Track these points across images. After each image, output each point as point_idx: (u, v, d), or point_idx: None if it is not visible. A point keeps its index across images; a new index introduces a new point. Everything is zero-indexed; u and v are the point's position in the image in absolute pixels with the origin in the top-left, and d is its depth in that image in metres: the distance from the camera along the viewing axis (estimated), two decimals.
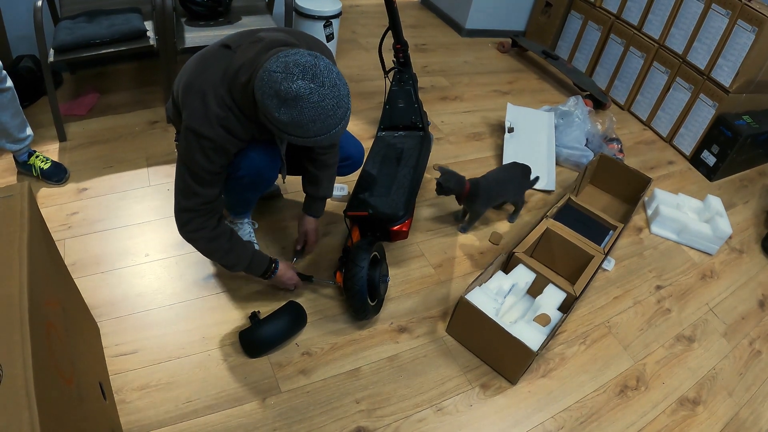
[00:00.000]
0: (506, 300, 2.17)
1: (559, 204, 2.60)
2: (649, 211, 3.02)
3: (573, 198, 2.66)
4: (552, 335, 2.01)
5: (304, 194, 2.13)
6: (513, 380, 2.00)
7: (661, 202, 2.95)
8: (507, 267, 2.31)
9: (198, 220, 1.74)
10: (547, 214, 2.50)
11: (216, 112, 1.57)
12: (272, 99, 1.40)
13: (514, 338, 1.86)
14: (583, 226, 2.51)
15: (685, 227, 2.85)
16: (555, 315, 2.10)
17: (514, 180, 2.63)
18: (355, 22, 4.44)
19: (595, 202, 2.98)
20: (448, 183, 2.39)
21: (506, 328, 1.88)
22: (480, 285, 2.12)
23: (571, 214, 2.58)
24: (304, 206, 2.14)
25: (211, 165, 1.64)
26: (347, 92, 1.48)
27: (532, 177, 2.72)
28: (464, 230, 2.61)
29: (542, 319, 2.05)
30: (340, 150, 2.11)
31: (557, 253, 2.41)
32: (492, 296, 2.08)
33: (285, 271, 2.01)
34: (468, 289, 2.04)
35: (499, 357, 1.99)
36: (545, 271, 2.26)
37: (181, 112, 1.70)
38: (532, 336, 1.94)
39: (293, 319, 1.97)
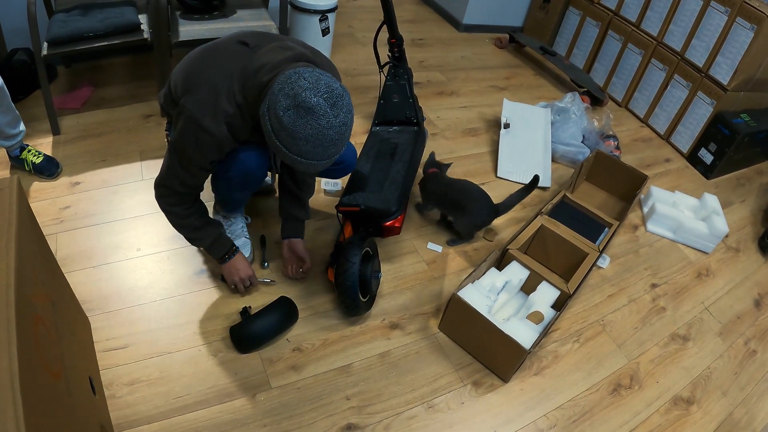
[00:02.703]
0: (499, 297, 2.17)
1: (555, 201, 2.59)
2: (645, 209, 3.01)
3: (568, 195, 2.65)
4: (545, 333, 2.00)
5: (282, 218, 2.13)
6: (505, 378, 1.99)
7: (658, 200, 2.95)
8: (501, 264, 2.30)
9: (174, 197, 1.77)
10: (542, 210, 2.49)
11: (225, 108, 1.56)
12: (287, 98, 1.40)
13: (507, 336, 1.85)
14: (579, 223, 2.50)
15: (681, 225, 2.84)
16: (548, 312, 2.09)
17: (468, 205, 2.38)
18: (352, 16, 4.42)
19: (591, 199, 2.97)
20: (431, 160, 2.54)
21: (498, 326, 1.87)
22: (473, 282, 2.12)
23: (566, 211, 2.57)
24: (286, 231, 2.12)
25: (202, 160, 1.64)
26: (348, 136, 1.50)
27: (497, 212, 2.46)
28: (452, 244, 2.52)
29: (535, 317, 2.05)
30: None
31: (552, 251, 2.40)
32: (485, 293, 2.07)
33: (238, 261, 1.98)
34: (461, 286, 2.02)
35: (492, 354, 1.98)
36: (539, 268, 2.25)
37: (176, 100, 1.68)
38: (524, 334, 1.93)
39: (284, 315, 1.96)
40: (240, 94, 1.57)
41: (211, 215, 2.24)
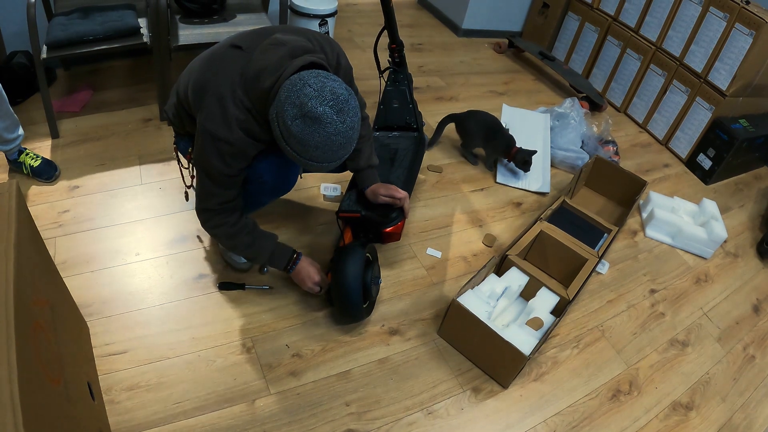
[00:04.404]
0: (499, 303, 2.16)
1: (554, 206, 2.59)
2: (644, 215, 3.01)
3: (568, 200, 2.65)
4: (544, 339, 2.00)
5: (353, 172, 2.11)
6: (505, 384, 1.99)
7: (657, 206, 2.95)
8: (500, 269, 2.30)
9: (217, 218, 1.77)
10: (542, 216, 2.49)
11: (236, 114, 1.57)
12: (294, 108, 1.41)
13: (506, 342, 1.85)
14: (578, 228, 2.50)
15: (680, 231, 2.84)
16: (548, 318, 2.09)
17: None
18: (351, 20, 4.43)
19: (590, 204, 2.98)
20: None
21: (498, 332, 1.87)
22: (472, 288, 2.11)
23: (565, 217, 2.57)
24: (360, 184, 2.10)
25: (228, 168, 1.65)
26: (356, 138, 1.52)
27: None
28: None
29: (535, 323, 2.04)
30: None
31: (551, 256, 2.40)
32: (484, 299, 2.07)
33: (306, 266, 1.97)
34: (460, 292, 2.02)
35: (491, 360, 1.98)
36: (539, 274, 2.25)
37: (190, 113, 1.70)
38: (524, 340, 1.93)
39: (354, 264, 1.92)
40: (246, 99, 1.58)
41: None
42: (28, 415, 0.89)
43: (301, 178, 2.45)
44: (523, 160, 2.87)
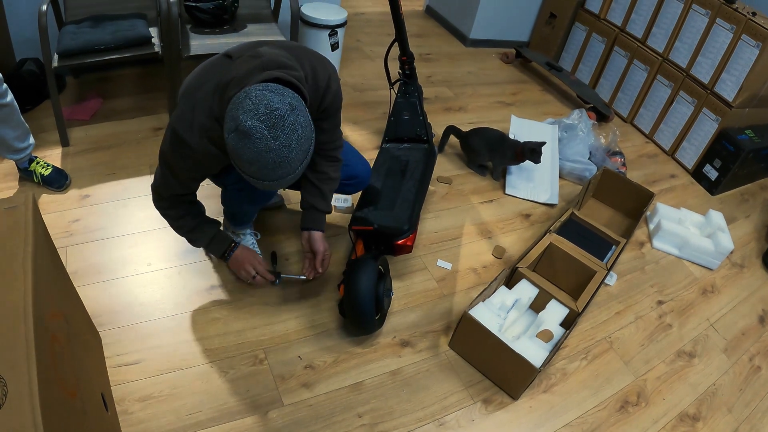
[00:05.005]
0: (509, 315, 2.17)
1: (563, 219, 2.59)
2: (651, 226, 3.02)
3: (576, 212, 2.66)
4: (555, 351, 2.01)
5: (302, 209, 2.01)
6: (515, 395, 1.99)
7: (663, 217, 2.95)
8: (510, 282, 2.31)
9: (168, 202, 1.77)
10: (551, 228, 2.50)
11: (202, 122, 1.54)
12: (231, 120, 1.36)
13: (517, 354, 1.86)
14: (586, 240, 2.51)
15: (686, 242, 2.85)
16: (557, 330, 2.10)
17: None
18: (359, 30, 4.45)
19: (598, 216, 2.98)
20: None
21: (509, 344, 1.88)
22: (483, 300, 2.12)
23: (574, 229, 2.58)
24: (304, 222, 1.98)
25: (190, 171, 1.66)
26: (299, 159, 1.42)
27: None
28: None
29: (545, 335, 2.05)
30: (347, 168, 2.08)
31: (560, 268, 2.41)
32: (495, 311, 2.08)
33: (240, 253, 1.96)
34: (471, 305, 2.03)
35: (502, 372, 1.98)
36: (548, 286, 2.25)
37: None
38: (534, 352, 1.94)
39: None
40: (217, 107, 1.54)
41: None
42: (49, 430, 0.89)
43: (284, 189, 2.39)
44: (531, 149, 2.85)
